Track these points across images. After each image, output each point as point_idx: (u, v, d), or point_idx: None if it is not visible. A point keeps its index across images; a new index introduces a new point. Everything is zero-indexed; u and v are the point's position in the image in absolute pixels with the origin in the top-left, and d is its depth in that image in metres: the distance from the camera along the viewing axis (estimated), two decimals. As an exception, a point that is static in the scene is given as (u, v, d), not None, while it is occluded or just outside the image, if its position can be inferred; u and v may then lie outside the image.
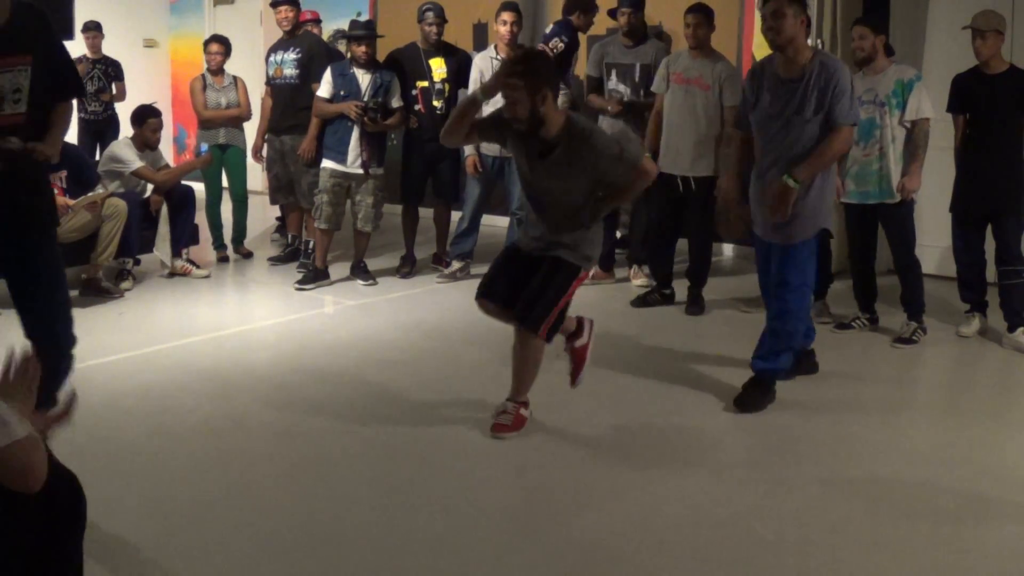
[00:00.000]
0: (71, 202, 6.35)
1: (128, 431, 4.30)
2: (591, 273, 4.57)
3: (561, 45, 6.97)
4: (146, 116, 7.10)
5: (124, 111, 7.95)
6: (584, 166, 4.07)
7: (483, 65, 6.83)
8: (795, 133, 4.36)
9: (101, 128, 8.80)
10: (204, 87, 7.72)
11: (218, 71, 7.76)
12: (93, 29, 8.91)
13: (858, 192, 5.63)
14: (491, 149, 6.86)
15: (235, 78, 7.81)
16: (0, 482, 1.91)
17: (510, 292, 4.24)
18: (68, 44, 8.11)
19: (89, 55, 8.90)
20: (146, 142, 7.07)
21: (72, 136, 8.36)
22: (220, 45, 7.77)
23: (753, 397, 4.57)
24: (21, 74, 3.31)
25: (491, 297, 4.31)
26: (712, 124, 6.17)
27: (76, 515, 2.11)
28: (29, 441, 1.92)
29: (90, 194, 6.47)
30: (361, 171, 6.81)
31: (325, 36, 8.72)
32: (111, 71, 8.93)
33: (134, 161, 6.90)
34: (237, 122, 7.83)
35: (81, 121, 8.89)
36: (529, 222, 4.36)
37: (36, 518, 2.01)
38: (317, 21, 8.19)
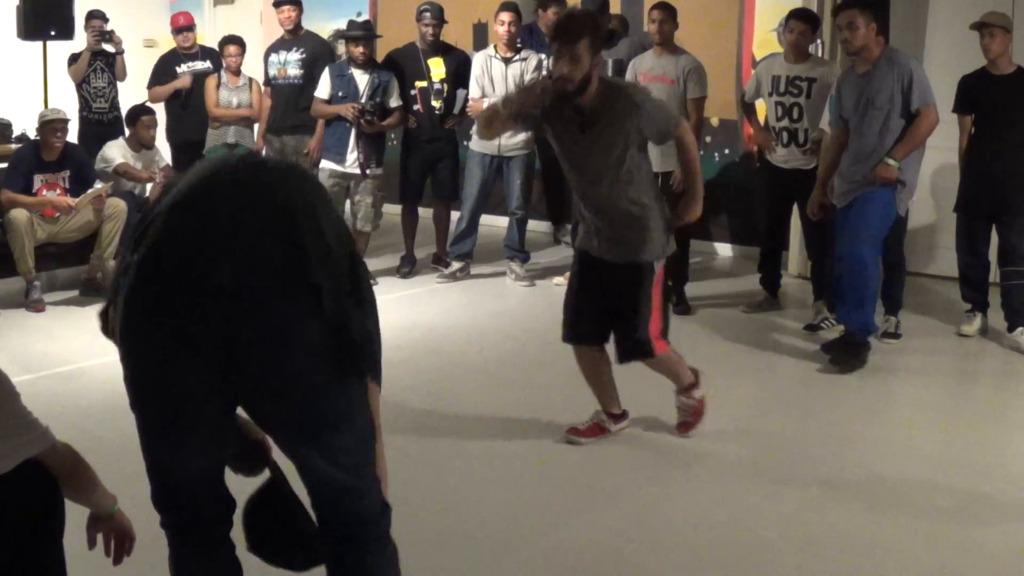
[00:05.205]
0: (73, 202, 6.33)
1: (128, 431, 4.27)
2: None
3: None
4: (139, 114, 7.08)
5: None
6: (623, 125, 3.71)
7: (483, 63, 6.83)
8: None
9: (105, 132, 8.11)
10: (218, 85, 7.76)
11: (236, 71, 7.80)
12: (97, 17, 8.36)
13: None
14: (488, 148, 6.83)
15: (250, 79, 7.84)
16: (59, 477, 2.25)
17: (597, 321, 4.01)
18: (69, 43, 8.19)
19: (91, 46, 8.31)
20: (141, 141, 7.03)
21: (74, 136, 8.11)
22: (238, 47, 7.83)
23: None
24: None
25: (582, 340, 4.07)
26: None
27: (52, 513, 2.12)
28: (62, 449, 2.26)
29: (91, 190, 6.45)
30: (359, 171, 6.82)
31: (325, 35, 8.69)
32: (112, 60, 8.44)
33: (116, 159, 6.88)
34: (248, 122, 7.86)
35: (84, 121, 8.41)
36: (589, 232, 3.97)
37: (9, 517, 2.01)
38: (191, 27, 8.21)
